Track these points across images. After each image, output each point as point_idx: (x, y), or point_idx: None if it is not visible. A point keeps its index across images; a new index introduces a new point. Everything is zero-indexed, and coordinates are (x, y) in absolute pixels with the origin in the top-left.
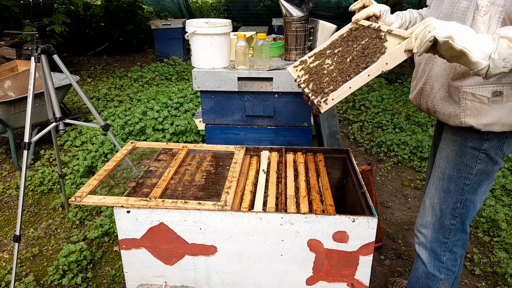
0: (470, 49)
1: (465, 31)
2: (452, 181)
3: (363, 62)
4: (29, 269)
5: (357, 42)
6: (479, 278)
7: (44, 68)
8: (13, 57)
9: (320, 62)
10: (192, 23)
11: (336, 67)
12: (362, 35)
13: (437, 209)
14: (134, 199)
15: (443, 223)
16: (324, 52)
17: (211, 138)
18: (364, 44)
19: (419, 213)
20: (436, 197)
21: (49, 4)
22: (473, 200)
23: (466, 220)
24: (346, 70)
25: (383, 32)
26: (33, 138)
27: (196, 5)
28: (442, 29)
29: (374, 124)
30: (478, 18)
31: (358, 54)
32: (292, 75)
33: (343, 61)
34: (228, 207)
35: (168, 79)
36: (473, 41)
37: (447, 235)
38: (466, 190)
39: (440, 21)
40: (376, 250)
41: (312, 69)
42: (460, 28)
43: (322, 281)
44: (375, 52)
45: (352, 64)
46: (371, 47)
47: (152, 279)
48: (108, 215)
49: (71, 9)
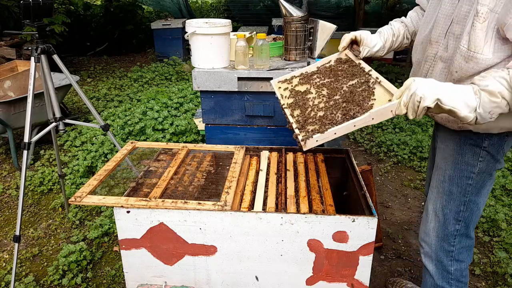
0: (458, 106)
1: (447, 89)
2: (453, 182)
3: (351, 110)
4: (29, 269)
5: (346, 79)
6: (479, 278)
7: (44, 68)
8: (13, 57)
9: (306, 89)
10: (192, 23)
11: (324, 104)
12: (352, 72)
13: (440, 215)
14: (134, 199)
15: (447, 229)
16: (312, 78)
17: (211, 138)
18: (352, 86)
19: (422, 220)
20: (438, 201)
21: (49, 4)
22: (476, 201)
23: (470, 224)
24: (334, 114)
25: (372, 79)
26: (33, 138)
27: (196, 5)
28: (429, 97)
29: (374, 124)
30: (477, 25)
31: (346, 97)
32: (274, 90)
33: (330, 98)
34: (228, 207)
35: (168, 79)
36: (458, 98)
37: (452, 242)
38: (469, 191)
39: (422, 85)
40: (376, 250)
41: (298, 95)
42: (442, 88)
43: (322, 281)
44: (364, 101)
45: (340, 107)
46: (359, 93)
47: (152, 279)
48: (108, 215)
49: (71, 9)
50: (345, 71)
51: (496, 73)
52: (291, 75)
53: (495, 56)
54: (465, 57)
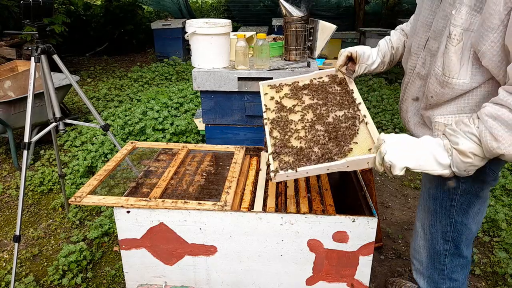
0: (430, 169)
1: (416, 154)
2: (437, 202)
3: (329, 151)
4: (29, 269)
5: (334, 106)
6: (479, 278)
7: (44, 68)
8: (13, 57)
9: (292, 107)
10: (192, 23)
11: (305, 133)
12: (342, 100)
13: (427, 233)
14: (134, 199)
15: (436, 248)
16: (302, 92)
17: (211, 138)
18: (338, 119)
19: (413, 236)
20: (425, 220)
21: (49, 4)
22: (464, 222)
23: (460, 244)
24: (311, 149)
25: (360, 117)
26: (33, 138)
27: (196, 5)
28: (397, 165)
29: (374, 124)
30: (451, 48)
31: (329, 132)
32: (261, 94)
33: (313, 127)
34: (228, 207)
35: (168, 79)
36: (429, 161)
37: (442, 261)
38: (454, 212)
39: (390, 150)
40: (376, 250)
41: (282, 111)
42: (411, 153)
43: (322, 281)
44: (345, 142)
45: (319, 143)
46: (343, 131)
47: (152, 279)
48: (108, 215)
49: (71, 9)
50: (335, 96)
51: (465, 127)
52: (280, 82)
53: (473, 80)
54: (440, 82)
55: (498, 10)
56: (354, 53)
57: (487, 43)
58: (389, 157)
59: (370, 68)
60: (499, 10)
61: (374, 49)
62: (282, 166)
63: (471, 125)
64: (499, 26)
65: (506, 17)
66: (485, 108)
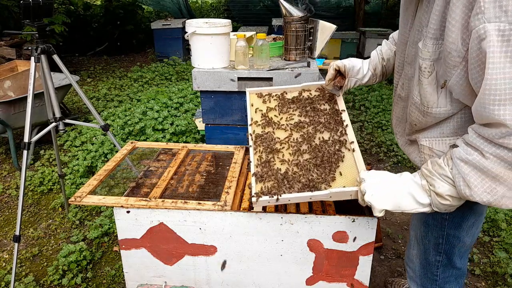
0: (409, 208)
1: (395, 195)
2: (429, 214)
3: (313, 180)
4: (29, 269)
5: (322, 126)
6: (479, 278)
7: (44, 68)
8: (13, 57)
9: (278, 122)
10: (192, 23)
11: (290, 156)
12: (329, 120)
13: (420, 243)
14: (134, 199)
15: (428, 259)
16: (290, 106)
17: (211, 138)
18: (325, 142)
19: (408, 244)
20: (418, 230)
21: (49, 4)
22: (457, 235)
23: (453, 256)
24: (295, 176)
25: (348, 144)
26: (33, 138)
27: (196, 5)
28: (376, 207)
29: (374, 124)
30: (424, 80)
31: (314, 157)
32: (247, 103)
33: (299, 148)
34: (228, 207)
35: (168, 79)
36: (408, 201)
37: (434, 271)
38: (446, 225)
39: (370, 191)
40: (376, 250)
41: (269, 125)
42: (389, 196)
43: (322, 281)
44: (329, 168)
45: (304, 168)
46: (328, 157)
47: (152, 279)
48: (108, 215)
49: (71, 9)
50: (323, 115)
51: (440, 170)
52: (268, 91)
53: (453, 106)
54: (421, 112)
55: (457, 47)
56: (342, 67)
57: (452, 78)
58: (368, 198)
59: (361, 82)
60: (458, 47)
61: (366, 61)
62: (265, 192)
63: (445, 167)
64: (460, 62)
65: (466, 53)
66: (457, 151)
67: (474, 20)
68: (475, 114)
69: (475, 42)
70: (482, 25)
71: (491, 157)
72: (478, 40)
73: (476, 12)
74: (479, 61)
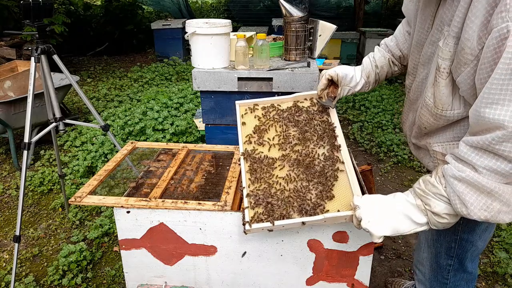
0: (407, 230)
1: (391, 219)
2: None
3: (307, 204)
4: (29, 269)
5: (314, 142)
6: (479, 278)
7: (44, 68)
8: (13, 57)
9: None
10: (192, 23)
11: (283, 178)
12: (322, 134)
13: (431, 247)
14: (134, 199)
15: (439, 262)
16: (282, 121)
17: (211, 138)
18: (319, 159)
19: (416, 246)
20: (429, 233)
21: (49, 4)
22: (470, 239)
23: (465, 260)
24: (291, 201)
25: (341, 166)
26: (33, 138)
27: (196, 5)
28: (374, 233)
29: (374, 124)
30: (441, 81)
31: (307, 179)
32: (237, 118)
33: (291, 171)
34: (228, 207)
35: (168, 79)
36: (405, 223)
37: (445, 275)
38: (459, 229)
39: (366, 218)
40: (376, 250)
41: (260, 140)
42: (385, 221)
43: (322, 281)
44: (323, 190)
45: (296, 191)
46: (323, 176)
47: (152, 279)
48: (108, 215)
49: (71, 9)
50: (316, 131)
51: (434, 189)
52: (258, 103)
53: (467, 109)
54: (433, 114)
55: (472, 45)
56: (335, 75)
57: (460, 76)
58: (365, 225)
59: (354, 90)
60: (472, 45)
61: (358, 68)
62: (258, 219)
63: (438, 185)
64: (472, 60)
65: (480, 52)
66: (449, 168)
67: (497, 18)
68: (472, 118)
69: (493, 41)
70: (505, 24)
71: (484, 171)
72: (498, 40)
73: (500, 10)
74: (492, 61)
